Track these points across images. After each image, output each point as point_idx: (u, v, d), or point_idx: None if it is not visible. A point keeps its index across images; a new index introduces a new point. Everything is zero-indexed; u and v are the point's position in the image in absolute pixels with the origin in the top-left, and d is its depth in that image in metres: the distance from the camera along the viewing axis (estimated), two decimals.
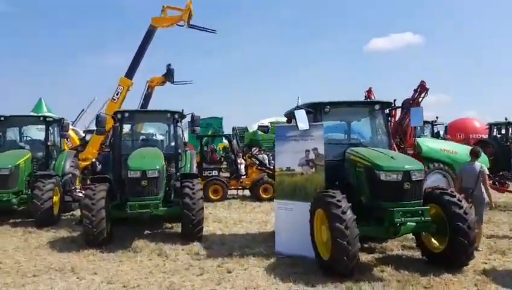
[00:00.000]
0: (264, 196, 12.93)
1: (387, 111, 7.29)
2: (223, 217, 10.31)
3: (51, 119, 11.11)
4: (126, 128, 9.42)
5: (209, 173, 13.42)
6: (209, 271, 5.87)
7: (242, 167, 13.85)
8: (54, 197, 9.52)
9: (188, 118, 9.31)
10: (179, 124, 9.25)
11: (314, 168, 6.45)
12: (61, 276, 5.75)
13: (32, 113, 25.50)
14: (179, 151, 9.11)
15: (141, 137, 9.85)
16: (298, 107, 6.78)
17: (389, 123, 7.29)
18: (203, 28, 18.28)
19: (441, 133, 20.10)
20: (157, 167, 7.58)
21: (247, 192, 14.08)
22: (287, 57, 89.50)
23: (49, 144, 10.81)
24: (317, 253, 5.84)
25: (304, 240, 6.15)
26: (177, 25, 18.06)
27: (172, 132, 9.25)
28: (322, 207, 5.68)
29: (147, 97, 20.08)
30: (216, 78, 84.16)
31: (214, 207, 11.75)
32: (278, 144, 7.06)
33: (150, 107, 19.28)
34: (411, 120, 8.09)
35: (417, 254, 6.47)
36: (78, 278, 5.66)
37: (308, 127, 6.42)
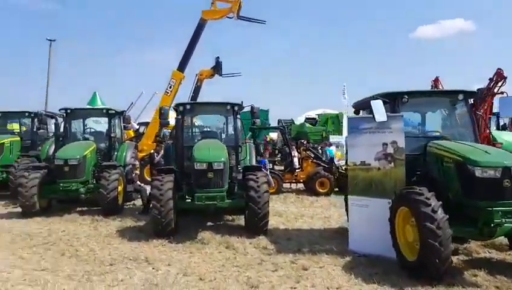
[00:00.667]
0: (321, 190, 12.59)
1: (471, 101, 6.71)
2: (282, 211, 10.11)
3: (113, 112, 11.38)
4: (187, 120, 9.42)
5: None
6: (283, 267, 5.67)
7: (296, 160, 13.57)
8: (119, 187, 9.77)
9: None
10: (238, 116, 9.14)
11: (393, 163, 6.06)
12: (137, 266, 5.79)
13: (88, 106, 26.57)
14: (239, 143, 9.00)
15: (203, 129, 9.84)
16: (374, 98, 6.38)
17: (473, 114, 6.68)
18: (252, 19, 18.07)
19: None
20: (223, 159, 7.50)
21: (300, 185, 13.84)
22: (330, 47, 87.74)
23: (112, 135, 11.10)
24: (400, 253, 5.47)
25: (381, 238, 5.79)
26: (227, 17, 18.05)
27: (232, 123, 9.16)
28: (406, 205, 5.30)
29: (197, 90, 20.22)
30: (258, 69, 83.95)
31: (270, 200, 11.56)
32: (350, 137, 6.71)
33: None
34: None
35: (509, 257, 5.94)
36: (153, 268, 5.67)
37: (386, 119, 6.03)
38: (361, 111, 7.81)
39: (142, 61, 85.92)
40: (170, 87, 17.52)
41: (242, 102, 9.04)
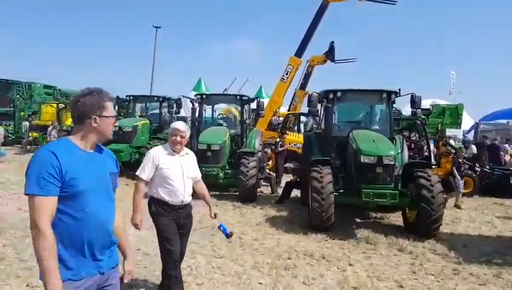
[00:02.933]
0: (464, 191, 11.28)
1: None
2: None
3: (246, 98, 11.32)
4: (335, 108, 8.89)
5: None
6: (490, 281, 4.91)
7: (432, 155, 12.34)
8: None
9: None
10: (394, 104, 8.39)
11: None
12: (317, 263, 5.44)
13: (194, 93, 27.54)
14: (393, 135, 8.26)
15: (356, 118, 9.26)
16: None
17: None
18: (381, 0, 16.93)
19: None
20: (392, 152, 6.88)
21: None
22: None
23: (247, 122, 11.07)
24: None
25: None
26: None
27: (387, 113, 8.42)
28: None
29: (307, 76, 19.70)
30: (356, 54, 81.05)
31: None
32: None
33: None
34: None
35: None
36: (338, 268, 5.27)
37: None
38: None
39: (229, 49, 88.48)
40: (287, 74, 17.20)
41: (400, 89, 8.26)
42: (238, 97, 11.35)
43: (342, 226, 7.30)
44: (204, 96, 11.25)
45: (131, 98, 14.49)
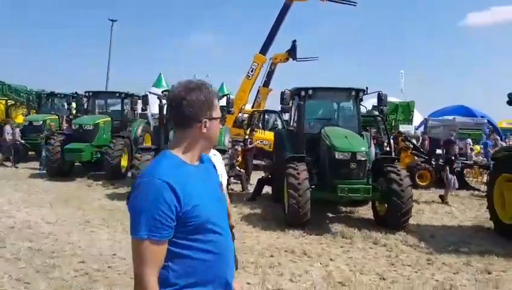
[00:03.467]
0: (421, 183, 11.90)
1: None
2: None
3: (220, 95, 11.16)
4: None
5: None
6: (462, 269, 5.24)
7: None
8: None
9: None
10: (362, 102, 8.67)
11: None
12: (300, 259, 5.53)
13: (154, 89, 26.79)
14: (361, 132, 8.53)
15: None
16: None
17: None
18: (342, 0, 17.35)
19: None
20: (364, 148, 7.10)
21: None
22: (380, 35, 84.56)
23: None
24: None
25: None
26: None
27: (355, 110, 8.68)
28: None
29: (270, 74, 19.87)
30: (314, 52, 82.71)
31: None
32: None
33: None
34: None
35: None
36: (320, 263, 5.38)
37: None
38: None
39: (187, 44, 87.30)
40: (252, 71, 17.25)
41: (367, 88, 8.54)
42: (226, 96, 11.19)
43: (317, 221, 7.45)
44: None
45: (90, 94, 13.86)
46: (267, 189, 9.98)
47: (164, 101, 10.86)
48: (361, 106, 8.88)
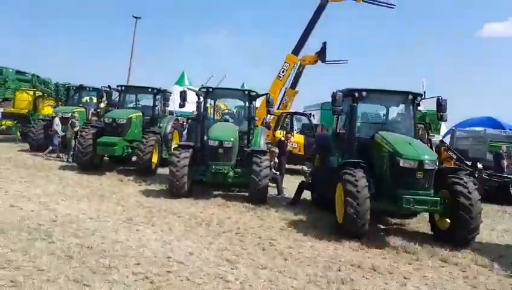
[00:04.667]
0: None
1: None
2: None
3: (254, 93, 10.77)
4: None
5: None
6: None
7: None
8: None
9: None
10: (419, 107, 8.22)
11: None
12: (371, 276, 5.06)
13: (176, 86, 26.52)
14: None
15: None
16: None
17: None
18: (381, 2, 16.86)
19: None
20: (433, 157, 6.75)
21: None
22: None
23: (256, 119, 10.57)
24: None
25: None
26: None
27: (411, 115, 8.17)
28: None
29: (297, 76, 19.42)
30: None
31: None
32: None
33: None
34: None
35: None
36: (397, 282, 4.90)
37: None
38: None
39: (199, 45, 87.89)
40: (283, 71, 16.87)
41: (425, 92, 8.14)
42: (246, 92, 10.79)
43: (369, 232, 6.97)
44: (210, 90, 10.61)
45: (122, 88, 13.58)
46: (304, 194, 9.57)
47: (202, 98, 10.52)
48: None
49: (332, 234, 6.81)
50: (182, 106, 10.57)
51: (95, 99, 17.50)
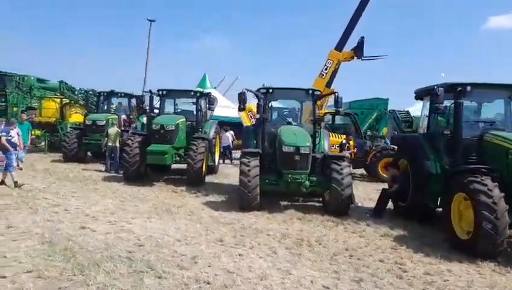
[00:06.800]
0: None
1: None
2: None
3: (319, 93, 9.85)
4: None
5: None
6: None
7: None
8: None
9: None
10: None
11: None
12: None
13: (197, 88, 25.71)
14: None
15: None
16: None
17: None
18: None
19: None
20: None
21: None
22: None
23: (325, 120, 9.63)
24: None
25: None
26: None
27: None
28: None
29: (333, 74, 18.46)
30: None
31: None
32: None
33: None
34: None
35: None
36: None
37: None
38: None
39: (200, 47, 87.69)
40: (326, 69, 15.97)
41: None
42: (309, 92, 9.84)
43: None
44: (270, 90, 9.66)
45: (164, 92, 12.66)
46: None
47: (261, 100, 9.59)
48: None
49: (455, 253, 5.84)
50: (241, 109, 9.66)
51: (124, 105, 16.69)
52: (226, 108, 22.02)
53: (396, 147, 14.70)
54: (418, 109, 27.13)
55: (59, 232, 5.89)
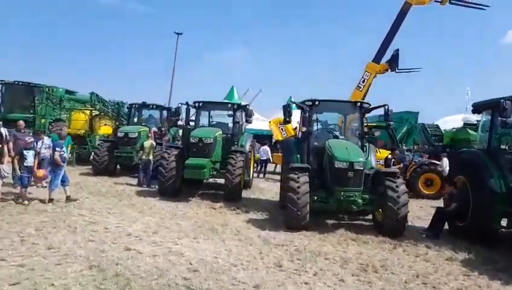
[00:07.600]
0: None
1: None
2: None
3: (368, 105, 9.30)
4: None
5: None
6: None
7: None
8: None
9: None
10: None
11: None
12: None
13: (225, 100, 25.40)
14: None
15: None
16: None
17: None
18: (471, 3, 15.27)
19: None
20: None
21: None
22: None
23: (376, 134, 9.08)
24: None
25: None
26: (435, 1, 15.45)
27: None
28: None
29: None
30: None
31: None
32: None
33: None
34: None
35: None
36: None
37: None
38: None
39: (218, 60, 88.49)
40: (363, 81, 15.42)
41: None
42: (357, 104, 9.31)
43: None
44: (316, 102, 9.14)
45: (200, 104, 12.31)
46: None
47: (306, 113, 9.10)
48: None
49: None
50: (287, 122, 9.19)
51: (155, 117, 16.48)
52: (254, 120, 21.61)
53: (436, 162, 14.14)
54: (445, 122, 26.50)
55: (104, 254, 5.46)
